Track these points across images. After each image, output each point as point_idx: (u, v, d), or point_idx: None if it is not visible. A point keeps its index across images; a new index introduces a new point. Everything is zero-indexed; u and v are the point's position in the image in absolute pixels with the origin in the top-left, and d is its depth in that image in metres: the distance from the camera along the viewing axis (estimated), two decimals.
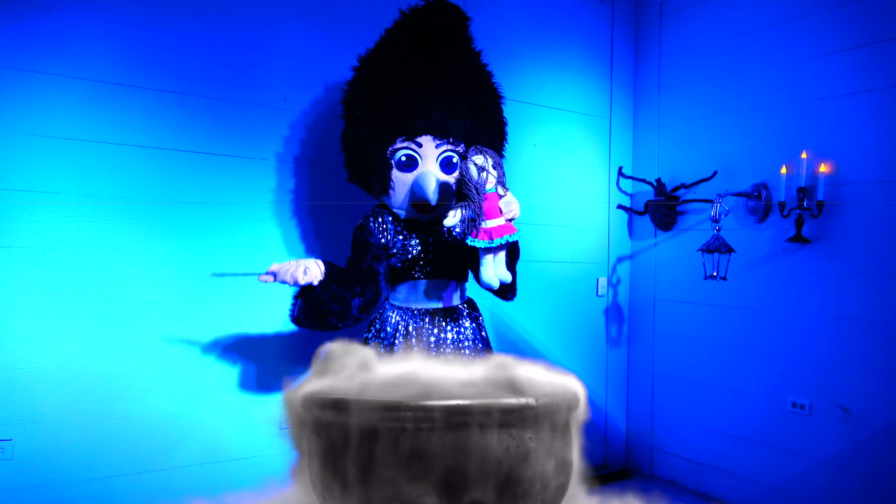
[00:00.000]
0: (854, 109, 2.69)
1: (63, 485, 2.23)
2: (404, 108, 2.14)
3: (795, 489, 2.88)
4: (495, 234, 2.05)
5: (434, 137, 2.16)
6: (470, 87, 2.23)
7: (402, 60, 2.19)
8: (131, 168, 2.34)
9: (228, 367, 2.51)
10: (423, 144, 2.16)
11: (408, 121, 2.14)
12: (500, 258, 2.11)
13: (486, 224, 2.06)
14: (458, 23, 2.23)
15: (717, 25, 3.23)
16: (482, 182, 2.07)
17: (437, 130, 2.15)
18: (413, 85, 2.15)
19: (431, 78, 2.16)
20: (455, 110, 2.16)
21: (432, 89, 2.15)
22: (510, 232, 2.06)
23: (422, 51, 2.18)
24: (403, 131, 2.15)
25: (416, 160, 2.17)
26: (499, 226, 2.06)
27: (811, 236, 2.80)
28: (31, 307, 2.19)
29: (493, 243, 2.04)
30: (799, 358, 2.87)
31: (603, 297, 3.57)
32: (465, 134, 2.20)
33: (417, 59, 2.17)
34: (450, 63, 2.19)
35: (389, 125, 2.16)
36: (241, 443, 2.53)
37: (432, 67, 2.17)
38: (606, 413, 3.58)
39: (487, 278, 2.09)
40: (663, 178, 3.42)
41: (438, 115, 2.14)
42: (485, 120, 2.25)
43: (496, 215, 2.06)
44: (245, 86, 2.53)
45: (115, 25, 2.30)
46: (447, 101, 2.16)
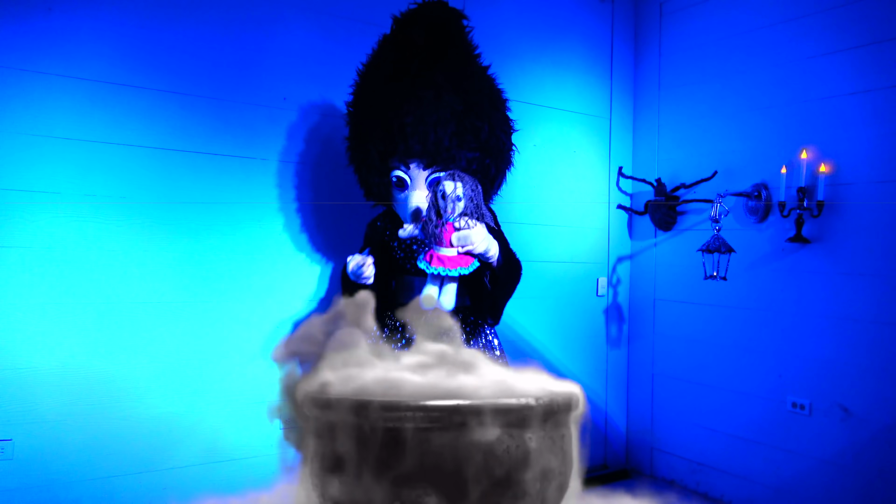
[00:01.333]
0: (854, 109, 2.69)
1: (63, 485, 2.23)
2: (387, 135, 2.16)
3: (795, 489, 2.88)
4: (447, 264, 2.07)
5: (421, 167, 2.17)
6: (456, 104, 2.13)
7: (389, 78, 2.18)
8: (131, 168, 2.34)
9: (228, 367, 2.51)
10: (411, 167, 2.18)
11: (391, 147, 2.17)
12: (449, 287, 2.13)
13: (439, 251, 2.09)
14: (451, 31, 2.20)
15: (717, 25, 3.23)
16: (442, 208, 2.10)
17: (420, 156, 2.15)
18: (396, 108, 2.13)
19: (413, 99, 2.11)
20: (438, 134, 2.12)
21: (413, 111, 2.11)
22: (460, 265, 2.08)
23: (408, 66, 2.15)
24: (389, 156, 2.19)
25: (406, 182, 2.19)
26: (449, 257, 2.08)
27: (811, 236, 2.80)
28: (31, 307, 2.19)
29: (437, 270, 2.07)
30: (799, 358, 2.87)
31: (603, 297, 3.57)
32: (450, 158, 2.15)
33: (403, 76, 2.14)
34: (434, 80, 2.12)
35: (375, 152, 2.21)
36: (241, 443, 2.53)
37: (416, 86, 2.12)
38: (606, 413, 3.58)
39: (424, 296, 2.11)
40: (663, 178, 3.42)
41: (419, 146, 2.13)
42: (473, 140, 2.17)
43: (447, 246, 2.08)
44: (245, 86, 2.53)
45: (114, 25, 2.30)
46: (429, 125, 2.11)
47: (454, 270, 2.08)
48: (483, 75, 2.27)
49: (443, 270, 2.07)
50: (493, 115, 2.23)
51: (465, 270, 2.09)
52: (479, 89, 2.22)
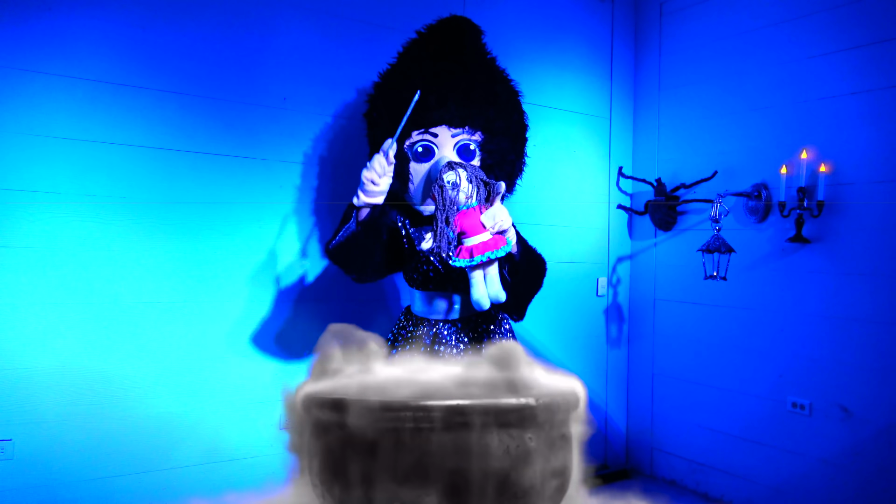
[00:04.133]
0: (854, 109, 2.69)
1: (63, 485, 2.23)
2: (420, 100, 2.09)
3: (795, 489, 2.88)
4: (476, 252, 1.95)
5: (449, 126, 2.15)
6: (484, 78, 2.22)
7: (417, 66, 2.21)
8: (131, 168, 2.34)
9: (228, 367, 2.51)
10: (439, 134, 2.15)
11: (422, 111, 2.12)
12: (492, 276, 2.00)
13: (468, 242, 1.96)
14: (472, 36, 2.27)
15: (717, 25, 3.23)
16: (454, 199, 1.98)
17: (452, 119, 2.14)
18: (426, 79, 2.15)
19: (444, 73, 2.16)
20: (469, 98, 2.15)
21: (445, 81, 2.15)
22: (495, 248, 1.95)
23: (436, 55, 2.20)
24: (418, 123, 2.14)
25: (433, 149, 2.16)
26: (482, 242, 1.96)
27: (811, 236, 2.80)
28: (31, 307, 2.19)
29: (473, 261, 1.94)
30: (799, 358, 2.87)
31: (603, 297, 3.57)
32: (481, 121, 2.17)
33: (432, 62, 2.19)
34: (463, 60, 2.20)
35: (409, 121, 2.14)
36: (241, 443, 2.53)
37: (446, 64, 2.18)
38: (606, 413, 3.58)
39: (477, 297, 1.99)
40: (663, 178, 3.42)
41: (453, 105, 2.13)
42: (501, 108, 2.22)
43: (478, 231, 1.96)
44: (245, 86, 2.53)
45: (115, 25, 2.30)
46: (461, 91, 2.15)
47: (493, 253, 1.95)
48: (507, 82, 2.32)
49: (479, 258, 1.94)
50: (513, 114, 2.28)
51: (501, 252, 1.96)
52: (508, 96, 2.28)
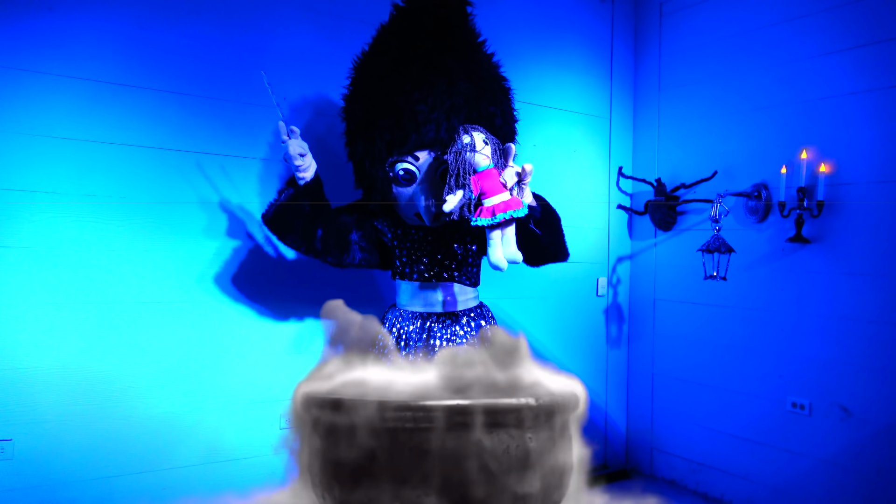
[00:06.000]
0: (854, 109, 2.69)
1: (63, 485, 2.23)
2: (396, 124, 2.01)
3: (795, 489, 2.88)
4: (497, 210, 1.92)
5: (430, 151, 2.05)
6: (469, 91, 2.06)
7: (394, 65, 2.05)
8: (131, 168, 2.34)
9: (228, 367, 2.51)
10: (421, 158, 2.05)
11: (401, 136, 2.02)
12: (508, 237, 1.95)
13: (488, 202, 1.92)
14: (455, 20, 2.10)
15: (717, 25, 3.23)
16: (472, 161, 1.93)
17: (433, 145, 2.03)
18: (405, 95, 2.01)
19: (425, 86, 2.01)
20: (451, 122, 2.01)
21: (425, 99, 2.00)
22: (516, 207, 1.93)
23: (415, 53, 2.03)
24: (397, 147, 2.04)
25: (416, 175, 2.07)
26: (503, 202, 1.92)
27: (811, 236, 2.80)
28: (31, 307, 2.19)
29: (495, 219, 1.91)
30: (799, 358, 2.87)
31: (603, 297, 3.57)
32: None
33: (410, 63, 2.03)
34: (445, 65, 2.03)
35: (382, 143, 2.05)
36: (241, 443, 2.53)
37: (426, 73, 2.02)
38: (606, 413, 3.58)
39: (495, 259, 1.94)
40: (663, 178, 3.42)
41: (432, 132, 2.00)
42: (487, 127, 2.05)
43: (499, 191, 1.93)
44: (245, 86, 2.53)
45: (115, 25, 2.30)
46: (442, 112, 2.01)
47: (515, 212, 1.92)
48: (490, 62, 2.20)
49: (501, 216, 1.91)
50: (503, 103, 2.16)
51: (521, 212, 1.93)
52: (491, 76, 2.15)
